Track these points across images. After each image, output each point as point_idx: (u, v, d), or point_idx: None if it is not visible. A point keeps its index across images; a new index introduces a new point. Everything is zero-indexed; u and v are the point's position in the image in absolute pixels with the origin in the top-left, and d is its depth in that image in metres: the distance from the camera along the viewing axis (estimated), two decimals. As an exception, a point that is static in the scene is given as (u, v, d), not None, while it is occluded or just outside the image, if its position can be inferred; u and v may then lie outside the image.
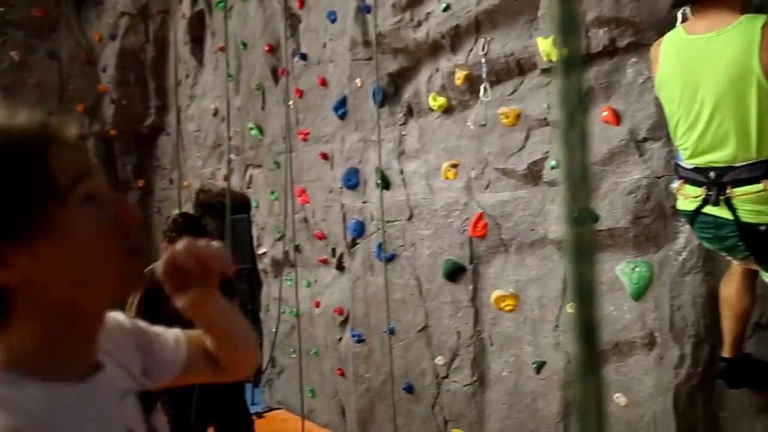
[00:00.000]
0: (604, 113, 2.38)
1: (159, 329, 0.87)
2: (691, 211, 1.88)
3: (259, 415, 4.50)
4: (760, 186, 1.69)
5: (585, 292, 0.54)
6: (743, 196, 1.73)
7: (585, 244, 0.54)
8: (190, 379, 0.91)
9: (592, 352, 0.55)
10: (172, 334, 0.89)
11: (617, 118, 2.36)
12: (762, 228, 1.73)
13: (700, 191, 1.82)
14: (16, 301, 0.63)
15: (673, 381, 2.31)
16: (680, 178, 1.92)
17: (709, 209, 1.82)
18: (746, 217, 1.75)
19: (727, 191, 1.75)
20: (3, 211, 0.60)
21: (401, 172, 3.36)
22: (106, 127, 6.24)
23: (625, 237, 2.39)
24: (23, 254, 0.61)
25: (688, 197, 1.89)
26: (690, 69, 1.80)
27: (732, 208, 1.75)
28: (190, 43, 5.39)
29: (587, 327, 0.55)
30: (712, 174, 1.78)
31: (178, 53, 5.64)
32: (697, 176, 1.84)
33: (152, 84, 6.11)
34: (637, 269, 2.36)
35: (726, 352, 2.07)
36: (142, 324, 0.87)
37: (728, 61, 1.70)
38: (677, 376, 2.30)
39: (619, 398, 2.41)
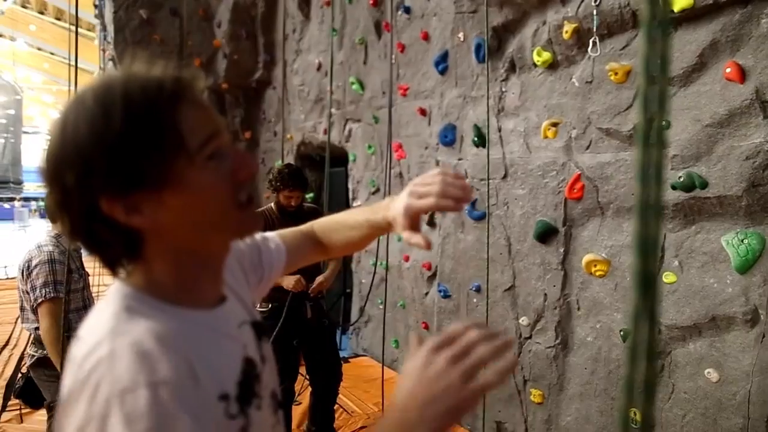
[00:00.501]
0: (728, 69, 2.20)
1: (261, 235, 1.00)
2: None
3: (345, 359, 4.74)
4: None
5: (647, 245, 0.57)
6: None
7: (654, 202, 0.55)
8: (293, 268, 1.07)
9: (648, 300, 0.57)
10: (271, 236, 1.03)
11: (742, 75, 2.17)
12: None
13: None
14: (149, 241, 0.71)
15: (776, 362, 2.16)
16: None
17: None
18: None
19: None
20: (136, 162, 0.66)
21: (499, 129, 3.31)
22: (219, 80, 6.61)
23: (736, 205, 2.22)
24: (153, 203, 0.68)
25: None
26: None
27: None
28: (298, -3, 5.52)
29: (645, 278, 0.57)
30: None
31: (287, 8, 5.81)
32: None
33: (261, 39, 6.36)
34: (747, 241, 2.20)
35: None
36: (250, 239, 0.99)
37: None
38: (782, 357, 2.15)
39: (711, 374, 2.30)
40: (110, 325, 0.66)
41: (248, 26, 6.39)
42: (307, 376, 3.39)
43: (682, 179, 2.33)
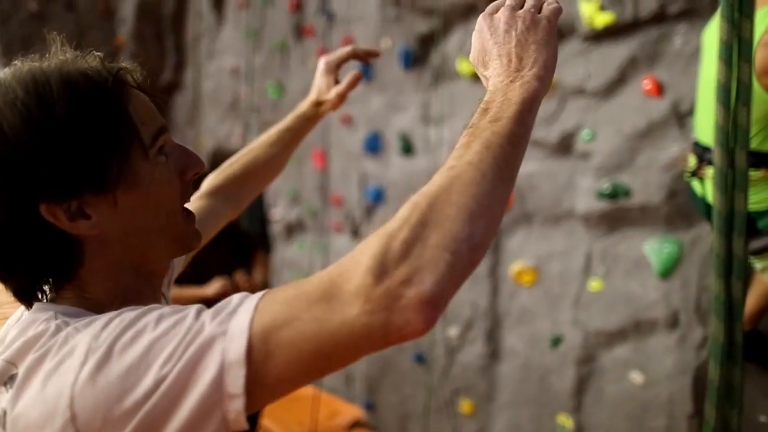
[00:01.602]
0: (647, 84, 2.30)
1: None
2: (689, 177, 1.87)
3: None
4: None
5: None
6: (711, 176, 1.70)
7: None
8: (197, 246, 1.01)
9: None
10: None
11: (660, 89, 2.27)
12: None
13: (694, 162, 1.78)
14: (89, 253, 0.62)
15: (693, 362, 2.27)
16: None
17: (694, 181, 1.82)
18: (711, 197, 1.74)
19: (704, 169, 1.71)
20: (90, 162, 0.58)
21: (426, 138, 3.28)
22: (122, 81, 6.17)
23: (657, 213, 2.32)
24: (105, 206, 0.60)
25: (689, 165, 1.87)
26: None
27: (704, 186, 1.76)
28: (211, -3, 5.27)
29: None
30: (700, 149, 1.75)
31: (199, 8, 5.53)
32: (694, 147, 1.82)
33: (170, 39, 6.01)
34: (667, 247, 2.30)
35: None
36: None
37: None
38: (698, 357, 2.26)
39: (636, 377, 2.37)
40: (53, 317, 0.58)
41: (156, 25, 6.01)
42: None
43: (608, 189, 2.40)
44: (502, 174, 0.57)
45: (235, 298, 0.54)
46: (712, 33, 1.77)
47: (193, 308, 0.54)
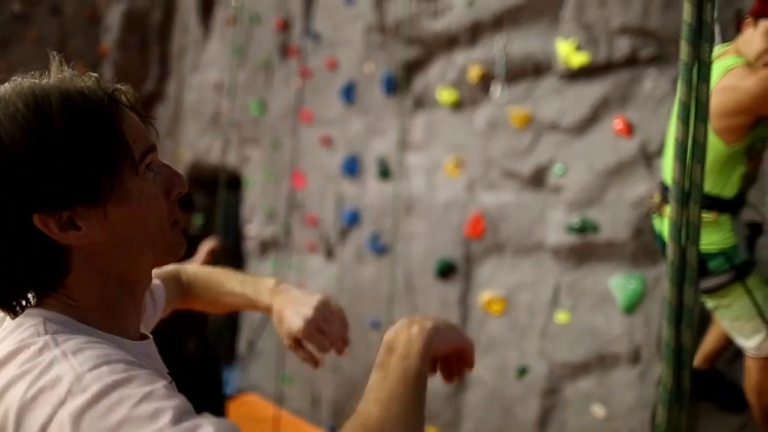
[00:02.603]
0: (618, 124, 2.37)
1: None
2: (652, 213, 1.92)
3: (230, 396, 4.43)
4: None
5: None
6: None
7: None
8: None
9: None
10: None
11: (630, 129, 2.34)
12: None
13: (658, 200, 1.84)
14: (77, 263, 0.64)
15: (653, 398, 2.30)
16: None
17: (656, 218, 1.87)
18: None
19: (664, 207, 1.77)
20: (84, 176, 0.61)
21: (402, 163, 3.32)
22: (104, 89, 6.12)
23: (623, 250, 2.37)
24: (95, 218, 0.63)
25: (654, 203, 1.92)
26: None
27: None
28: (199, 10, 5.29)
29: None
30: (663, 188, 1.82)
31: (186, 21, 5.55)
32: (660, 186, 1.88)
33: (155, 50, 6.00)
34: (632, 283, 2.34)
35: (696, 362, 2.08)
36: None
37: None
38: (658, 393, 2.29)
39: (598, 410, 2.40)
40: (42, 329, 0.59)
41: (141, 35, 6.00)
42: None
43: (577, 223, 2.45)
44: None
45: (207, 417, 0.56)
46: None
47: (175, 403, 0.54)
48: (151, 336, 0.77)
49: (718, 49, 1.80)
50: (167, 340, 3.07)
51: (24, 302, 0.64)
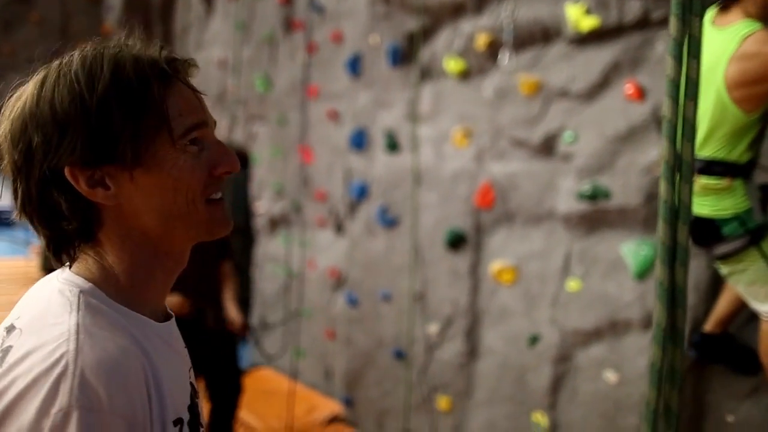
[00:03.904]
0: (629, 89, 2.33)
1: None
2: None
3: (244, 371, 4.49)
4: None
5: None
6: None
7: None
8: None
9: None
10: None
11: (641, 94, 2.31)
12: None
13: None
14: (107, 222, 0.67)
15: (667, 364, 2.31)
16: None
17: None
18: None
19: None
20: (114, 133, 0.64)
21: (411, 135, 3.30)
22: (108, 69, 6.10)
23: (635, 216, 2.36)
24: (124, 180, 0.65)
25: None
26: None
27: None
28: (201, -13, 5.23)
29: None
30: None
31: (188, -2, 5.48)
32: None
33: (158, 28, 5.96)
34: (644, 249, 2.33)
35: (708, 326, 2.08)
36: None
37: (709, 59, 1.63)
38: (672, 359, 2.30)
39: (610, 376, 2.41)
40: (73, 327, 0.61)
41: (144, 14, 5.94)
42: (206, 391, 3.15)
43: (588, 190, 2.43)
44: None
45: None
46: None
47: None
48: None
49: (712, 11, 1.75)
50: (190, 320, 3.07)
51: (71, 252, 0.68)
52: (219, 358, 3.10)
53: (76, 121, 0.63)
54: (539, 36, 2.65)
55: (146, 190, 0.66)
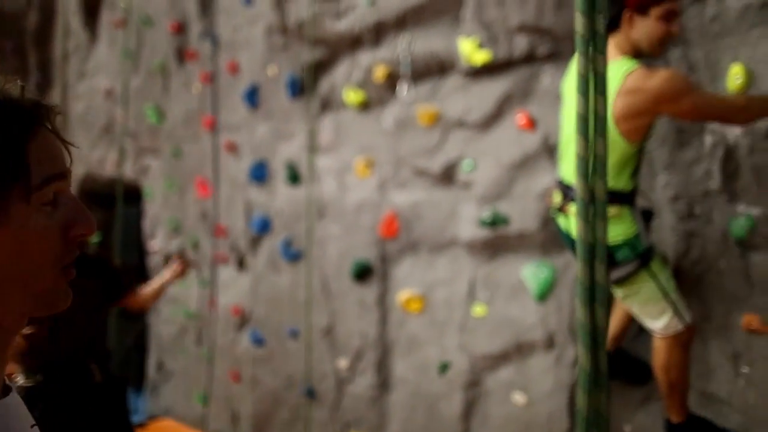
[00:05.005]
0: (521, 119, 2.44)
1: None
2: (555, 212, 1.99)
3: (142, 424, 4.13)
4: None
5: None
6: (574, 213, 1.82)
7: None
8: None
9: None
10: None
11: (532, 124, 2.43)
12: None
13: (559, 198, 1.90)
14: None
15: (569, 380, 2.39)
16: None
17: (560, 217, 1.94)
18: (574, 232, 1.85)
19: (567, 206, 1.85)
20: None
21: (312, 167, 3.25)
22: (-26, 100, 5.52)
23: (533, 240, 2.45)
24: None
25: (555, 202, 1.99)
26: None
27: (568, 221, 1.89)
28: (82, 12, 4.92)
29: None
30: (564, 187, 1.88)
31: (68, 24, 5.14)
32: (559, 185, 1.93)
33: (33, 56, 5.51)
34: (543, 271, 2.43)
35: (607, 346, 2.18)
36: None
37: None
38: (573, 376, 2.39)
39: (518, 398, 2.46)
40: None
41: (16, 39, 5.47)
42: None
43: (488, 217, 2.50)
44: None
45: None
46: (570, 81, 1.92)
47: None
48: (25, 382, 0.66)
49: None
50: (72, 369, 2.71)
51: None
52: (107, 417, 2.80)
53: None
54: (435, 68, 2.73)
55: None
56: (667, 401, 1.84)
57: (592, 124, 0.86)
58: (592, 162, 0.85)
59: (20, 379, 2.35)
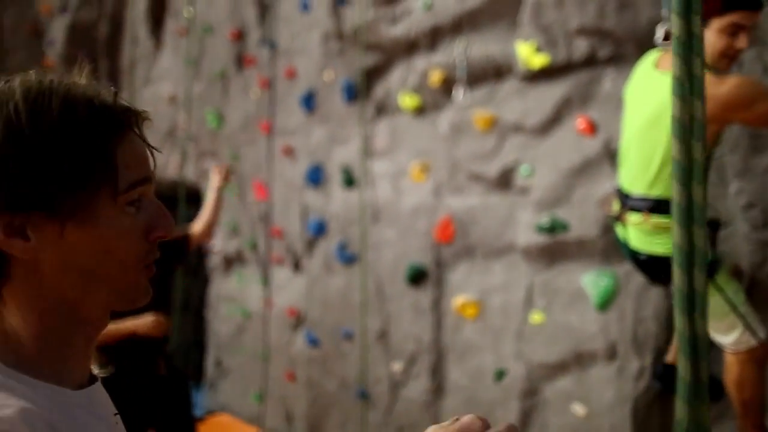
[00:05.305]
0: (580, 123, 2.39)
1: None
2: (613, 221, 1.96)
3: (200, 418, 4.28)
4: (639, 217, 1.76)
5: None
6: (632, 222, 1.81)
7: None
8: None
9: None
10: None
11: (593, 128, 2.36)
12: (641, 257, 1.81)
13: (617, 207, 1.86)
14: (17, 277, 0.59)
15: (632, 392, 2.32)
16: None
17: (618, 225, 1.91)
18: (633, 241, 1.83)
19: (625, 215, 1.82)
20: (54, 181, 0.57)
21: (368, 171, 3.28)
22: (50, 106, 5.87)
23: (593, 247, 2.39)
24: (50, 231, 0.58)
25: (613, 210, 1.96)
26: (642, 97, 1.81)
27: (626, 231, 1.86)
28: (148, 22, 5.14)
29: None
30: (622, 195, 1.85)
31: (136, 33, 5.38)
32: (617, 193, 1.90)
33: (104, 63, 5.79)
34: (604, 279, 2.36)
35: (670, 357, 2.11)
36: None
37: (657, 101, 1.70)
38: (636, 388, 2.31)
39: (578, 409, 2.40)
40: None
41: (89, 49, 5.77)
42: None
43: (546, 223, 2.46)
44: None
45: None
46: (634, 86, 1.86)
47: None
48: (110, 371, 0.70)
49: (654, 55, 1.81)
50: (139, 369, 2.88)
51: None
52: (171, 408, 2.92)
53: (7, 156, 0.56)
54: (492, 72, 2.70)
55: (74, 246, 0.59)
56: (740, 420, 1.76)
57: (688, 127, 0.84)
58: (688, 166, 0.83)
59: (95, 370, 2.51)
